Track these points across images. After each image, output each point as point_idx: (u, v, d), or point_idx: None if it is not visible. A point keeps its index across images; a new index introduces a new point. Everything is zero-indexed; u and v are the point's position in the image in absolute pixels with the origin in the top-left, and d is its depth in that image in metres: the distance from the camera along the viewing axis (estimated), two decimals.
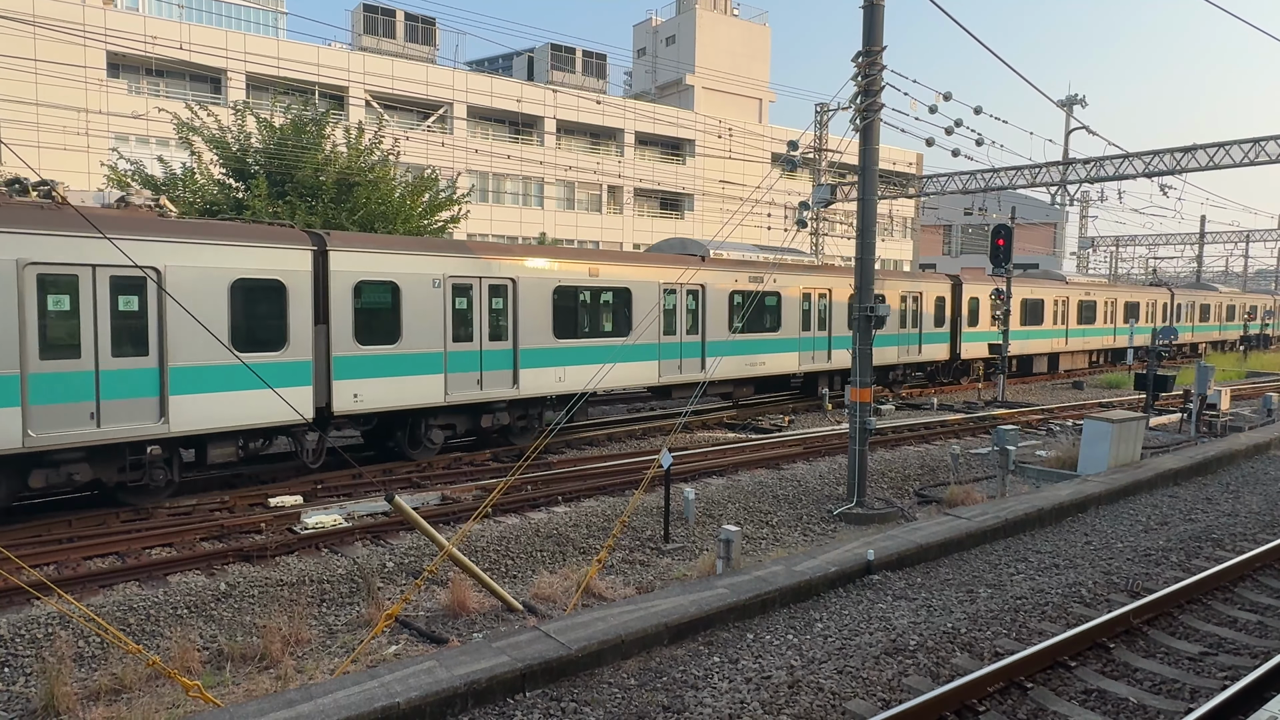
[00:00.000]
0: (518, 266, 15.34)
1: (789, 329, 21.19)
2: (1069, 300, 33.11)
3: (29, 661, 7.61)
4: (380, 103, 39.15)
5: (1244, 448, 16.71)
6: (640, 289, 17.46)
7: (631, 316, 17.23)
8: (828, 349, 22.54)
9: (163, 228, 11.40)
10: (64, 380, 10.33)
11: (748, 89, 56.05)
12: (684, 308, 18.48)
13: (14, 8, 29.14)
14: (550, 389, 15.88)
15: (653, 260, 18.33)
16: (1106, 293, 36.29)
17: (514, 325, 15.25)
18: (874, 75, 12.86)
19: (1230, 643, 7.63)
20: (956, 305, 27.10)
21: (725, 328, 19.11)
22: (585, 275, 16.43)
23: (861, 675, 6.87)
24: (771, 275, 20.13)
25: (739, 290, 19.68)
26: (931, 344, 26.07)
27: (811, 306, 22.01)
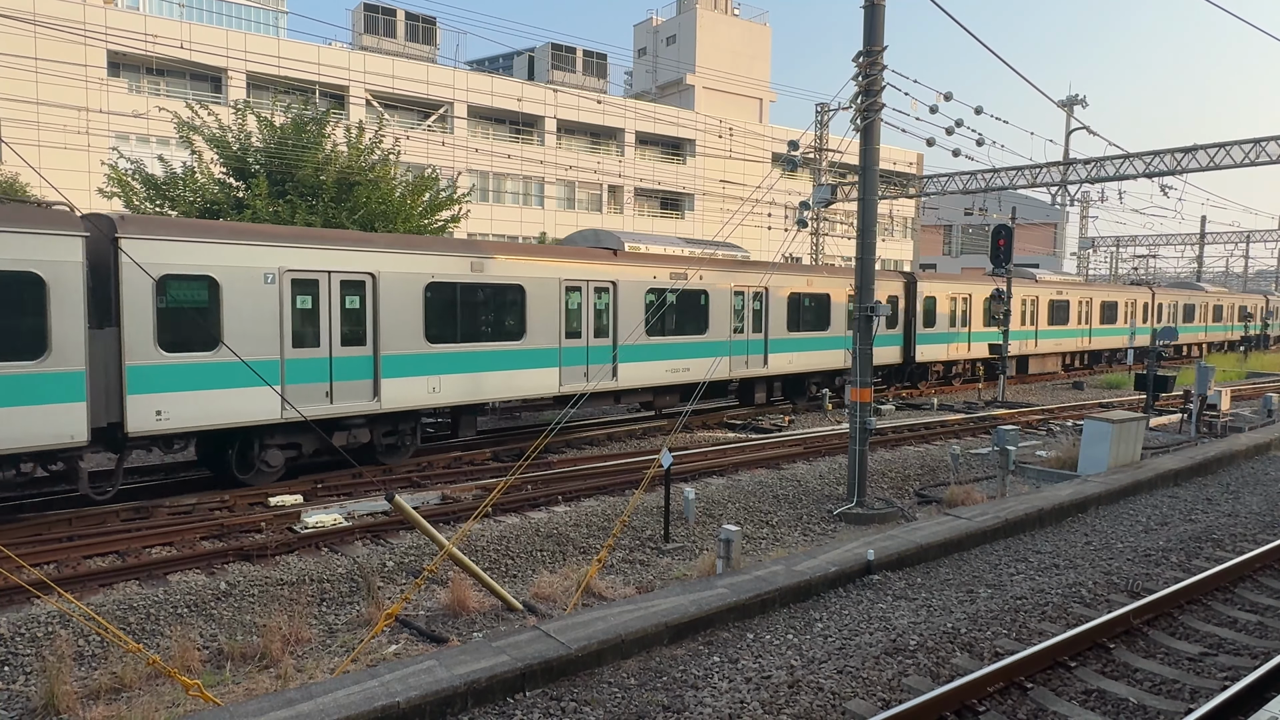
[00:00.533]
0: (381, 259, 13.46)
1: (718, 331, 19.24)
2: (1039, 300, 31.20)
3: (29, 660, 7.61)
4: (381, 102, 39.16)
5: (1244, 448, 16.71)
6: (537, 286, 15.53)
7: (526, 317, 15.41)
8: (764, 353, 20.57)
9: None
10: None
11: (748, 89, 56.07)
12: (590, 307, 16.44)
13: (15, 7, 29.13)
14: (422, 401, 14.00)
15: (552, 253, 16.39)
16: (1080, 292, 34.35)
17: (375, 327, 13.37)
18: (875, 75, 12.86)
19: (1230, 643, 7.63)
20: (911, 305, 25.26)
21: (642, 329, 17.14)
22: (467, 270, 14.55)
23: (861, 675, 6.87)
24: (698, 271, 18.49)
25: (658, 288, 17.73)
26: (882, 347, 23.99)
27: (745, 306, 20.04)
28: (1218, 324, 46.68)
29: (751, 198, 22.91)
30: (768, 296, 20.48)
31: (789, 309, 21.03)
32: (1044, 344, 31.99)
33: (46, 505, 11.90)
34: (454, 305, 14.50)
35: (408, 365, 13.81)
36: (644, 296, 17.53)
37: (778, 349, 20.90)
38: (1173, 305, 41.78)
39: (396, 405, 13.70)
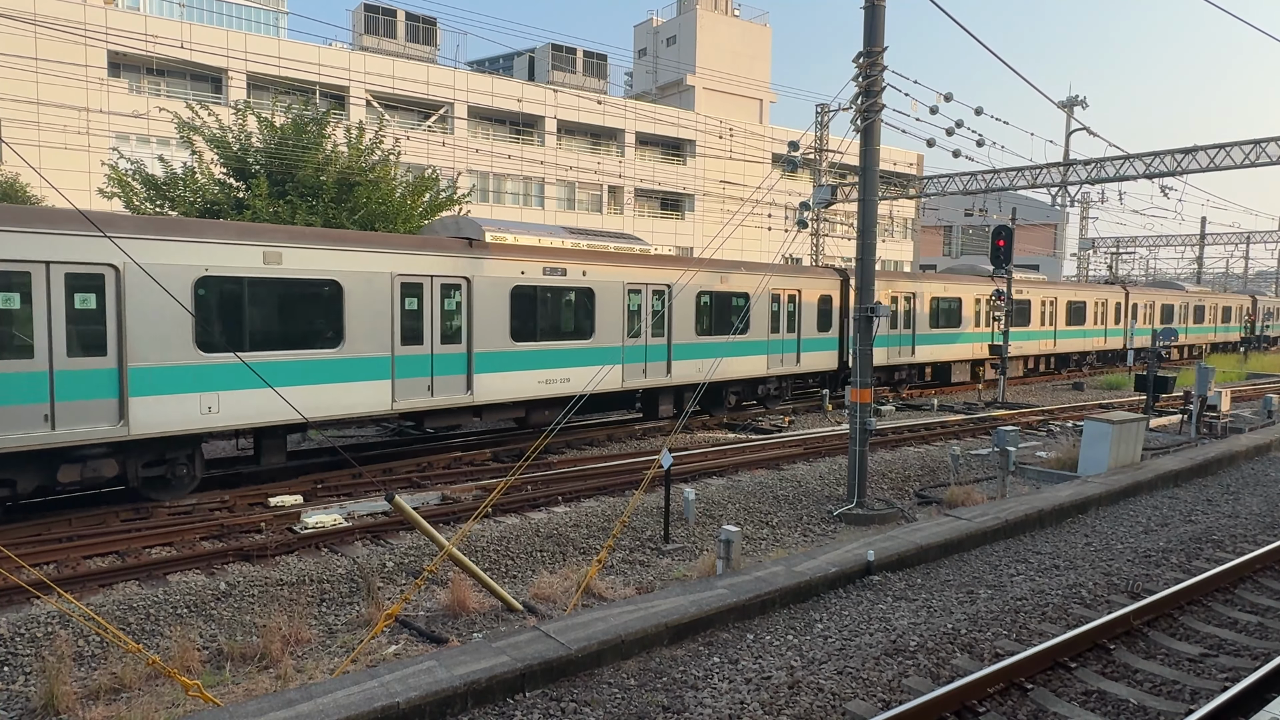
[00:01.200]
0: (131, 246, 10.65)
1: (608, 335, 16.67)
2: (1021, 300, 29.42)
3: (29, 660, 7.60)
4: (381, 102, 39.17)
5: (1244, 449, 16.70)
6: (356, 283, 12.93)
7: (344, 321, 12.81)
8: (666, 360, 17.92)
9: None
10: None
11: (748, 89, 56.08)
12: (436, 307, 13.96)
13: (15, 7, 29.14)
14: (195, 424, 11.48)
15: (377, 243, 13.48)
16: (1044, 291, 32.00)
17: (120, 334, 10.83)
18: (875, 76, 12.86)
19: (1230, 644, 7.63)
20: (845, 306, 23.00)
21: (504, 333, 14.93)
22: (258, 263, 11.93)
23: (862, 676, 6.87)
24: (581, 265, 16.21)
25: (528, 285, 15.35)
26: (814, 352, 21.96)
27: (644, 306, 17.55)
28: (1199, 325, 44.05)
29: (752, 198, 22.78)
30: (671, 296, 17.95)
31: (699, 310, 18.68)
32: (1016, 347, 29.92)
33: (47, 506, 11.89)
34: (239, 305, 11.87)
35: (175, 379, 11.31)
36: (508, 295, 15.01)
37: (685, 355, 18.31)
38: (1148, 306, 39.39)
39: (158, 430, 11.25)
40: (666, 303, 17.91)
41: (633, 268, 17.33)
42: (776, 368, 21.02)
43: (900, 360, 25.22)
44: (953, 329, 27.03)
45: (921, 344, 26.06)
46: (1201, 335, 44.77)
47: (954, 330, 27.12)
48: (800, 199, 30.18)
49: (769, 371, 20.91)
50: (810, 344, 21.94)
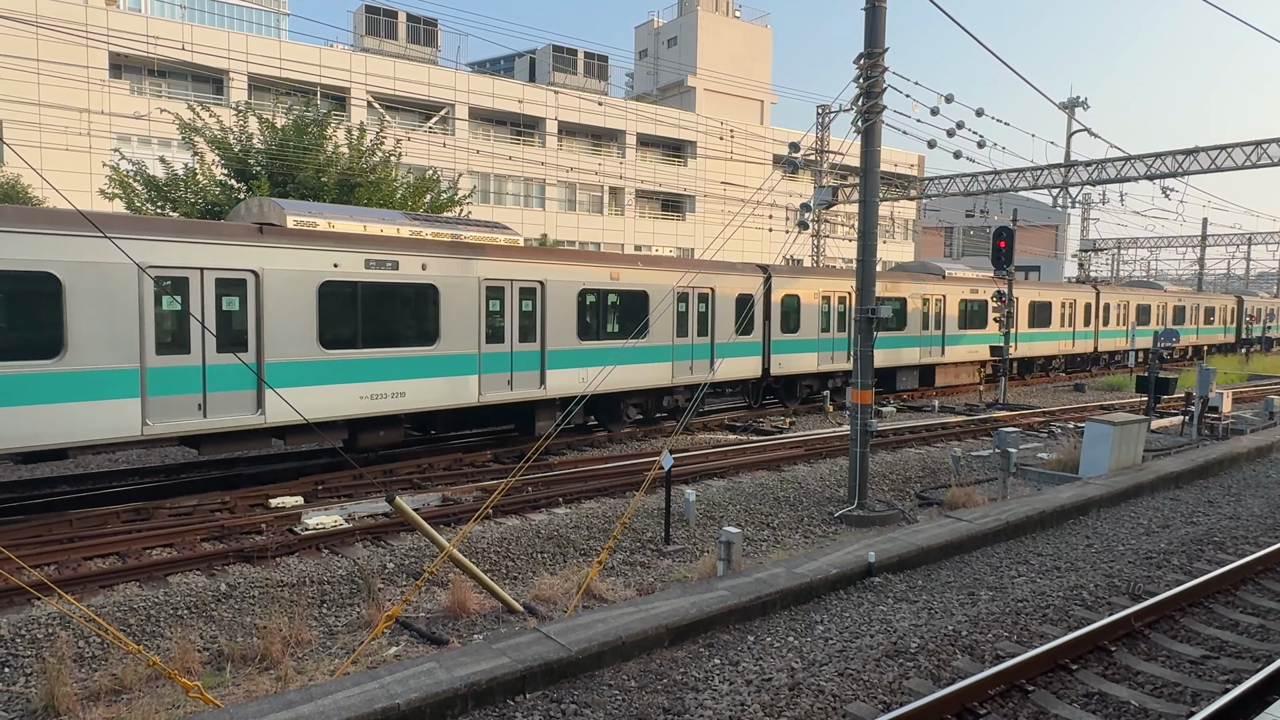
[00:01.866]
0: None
1: (458, 340, 14.24)
2: (945, 299, 26.43)
3: (29, 661, 7.61)
4: (382, 104, 39.22)
5: (1246, 451, 16.69)
6: (83, 277, 10.42)
7: (66, 322, 10.35)
8: (539, 370, 15.59)
9: None
10: None
11: (749, 90, 56.10)
12: (210, 307, 11.61)
13: (17, 8, 29.18)
14: None
15: (135, 227, 11.12)
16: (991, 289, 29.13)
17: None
18: (876, 77, 12.86)
19: (1232, 646, 7.62)
20: (768, 306, 20.80)
21: (310, 339, 12.48)
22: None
23: (862, 678, 6.86)
24: (418, 258, 13.78)
25: (343, 280, 12.85)
26: (733, 358, 19.65)
27: (507, 307, 15.07)
28: (1180, 328, 41.36)
29: (753, 199, 22.73)
30: (544, 294, 15.60)
31: (583, 311, 16.36)
32: (955, 351, 27.17)
33: (48, 507, 11.90)
34: None
35: None
36: (316, 292, 12.64)
37: (564, 364, 15.96)
38: (1122, 306, 36.85)
39: None
40: (539, 303, 15.49)
41: (494, 261, 14.88)
42: (685, 376, 18.45)
43: (837, 367, 22.75)
44: (898, 332, 24.79)
45: None
46: (1187, 337, 42.28)
47: (899, 333, 24.84)
48: (801, 200, 30.18)
49: (675, 381, 18.30)
50: (728, 349, 19.40)
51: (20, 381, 10.03)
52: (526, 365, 15.53)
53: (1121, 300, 36.87)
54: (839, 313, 22.98)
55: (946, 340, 26.76)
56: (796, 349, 21.55)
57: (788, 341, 21.35)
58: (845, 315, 22.93)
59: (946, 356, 26.84)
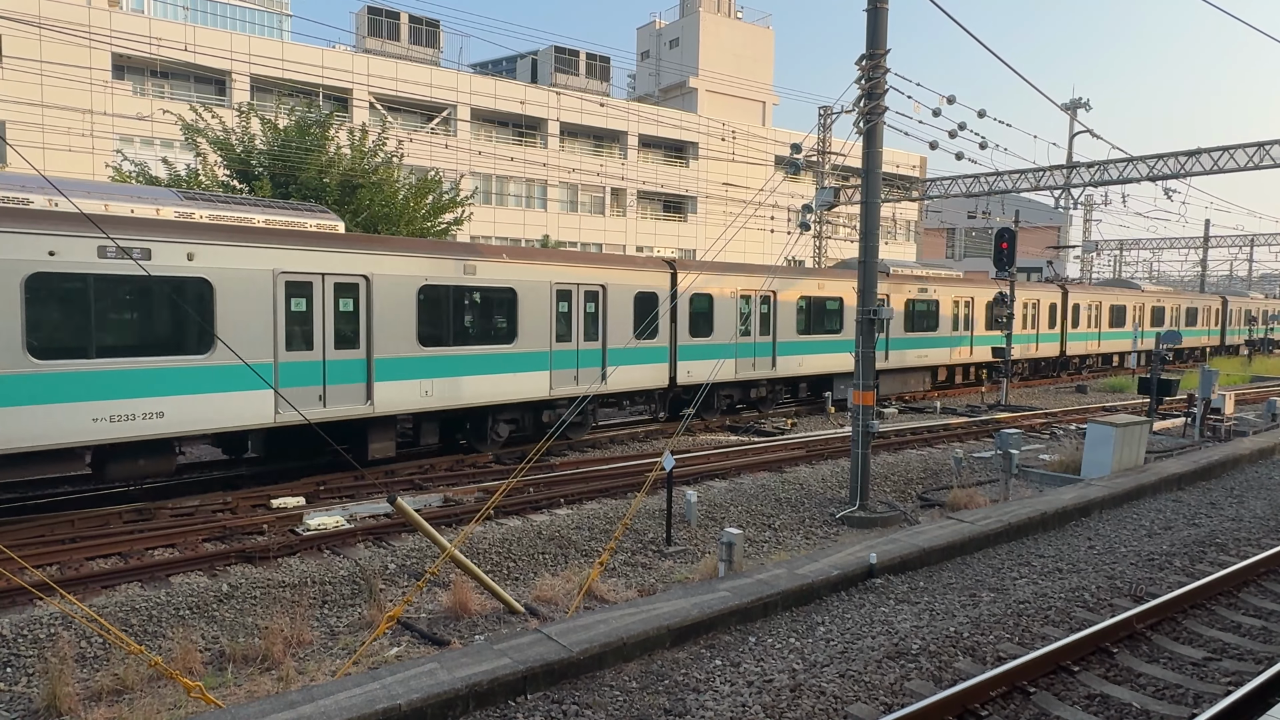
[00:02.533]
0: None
1: (242, 346, 11.47)
2: (888, 300, 24.19)
3: (31, 662, 7.62)
4: (384, 105, 39.25)
5: (1248, 452, 16.66)
6: None
7: None
8: (366, 380, 13.12)
9: None
10: None
11: (751, 92, 56.11)
12: None
13: (20, 9, 29.25)
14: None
15: None
16: (955, 290, 26.81)
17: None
18: (877, 78, 12.86)
19: (1234, 648, 7.60)
20: (675, 307, 18.52)
21: (17, 347, 9.98)
22: None
23: (864, 679, 6.85)
24: (186, 244, 11.31)
25: (63, 272, 10.36)
26: (632, 365, 17.15)
27: (318, 308, 12.66)
28: (1157, 329, 38.59)
29: (754, 200, 22.67)
30: (371, 291, 13.19)
31: (423, 311, 13.99)
32: (901, 356, 24.68)
33: (50, 507, 11.91)
34: None
35: None
36: (19, 291, 10.04)
37: (397, 374, 13.52)
38: (1093, 307, 34.18)
39: None
40: (363, 302, 13.11)
41: (297, 250, 12.43)
42: (567, 387, 16.02)
43: (760, 374, 20.45)
44: (831, 335, 22.37)
45: (783, 354, 21.18)
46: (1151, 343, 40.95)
47: (836, 337, 22.35)
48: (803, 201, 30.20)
49: (556, 392, 15.89)
50: (625, 356, 16.91)
51: None
52: (347, 377, 12.83)
53: (1093, 301, 34.37)
54: (762, 314, 20.38)
55: (891, 345, 24.06)
56: (710, 355, 18.78)
57: (700, 347, 18.75)
58: (770, 316, 20.64)
59: (891, 362, 24.08)
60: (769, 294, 20.49)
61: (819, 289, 22.09)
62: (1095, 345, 34.64)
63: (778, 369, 20.88)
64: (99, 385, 10.65)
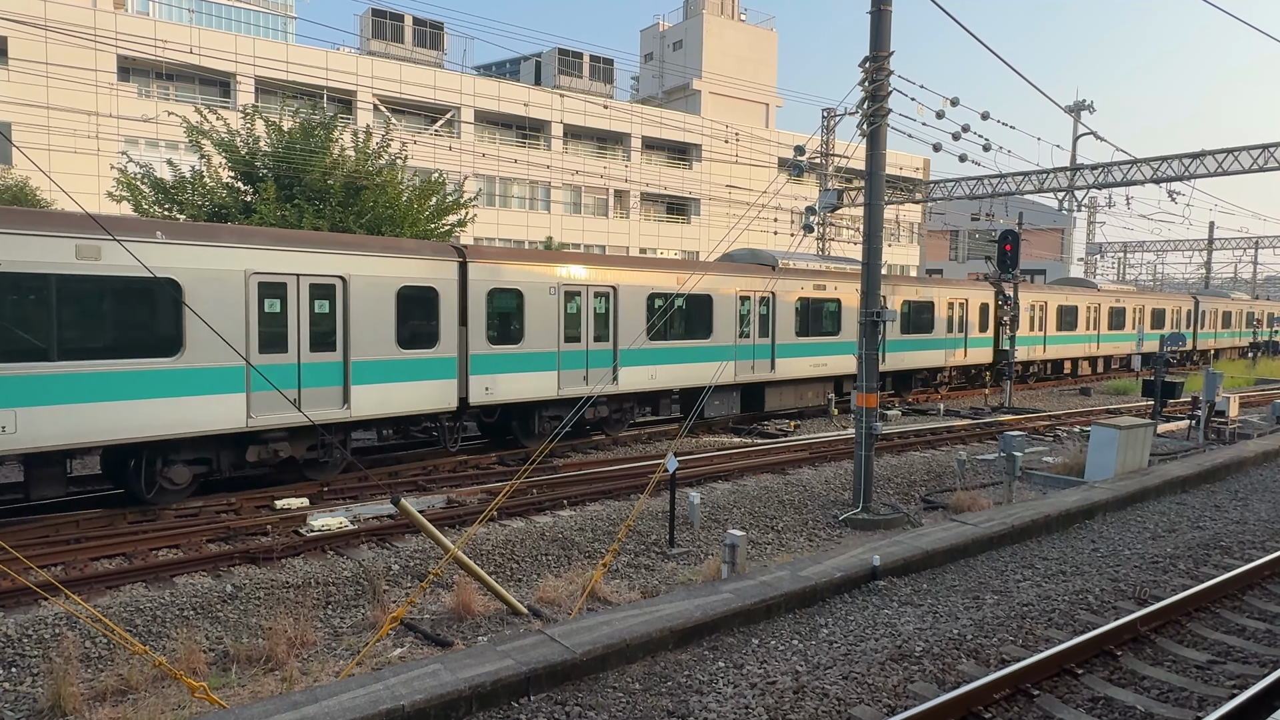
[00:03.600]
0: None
1: None
2: (774, 300, 20.49)
3: (36, 662, 7.64)
4: (388, 107, 39.32)
5: (1253, 455, 16.62)
6: None
7: None
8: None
9: None
10: None
11: (754, 94, 56.11)
12: None
13: (26, 12, 29.36)
14: None
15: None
16: (855, 286, 21.52)
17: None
18: (881, 80, 12.86)
19: (1239, 651, 7.59)
20: (466, 306, 14.55)
21: None
22: None
23: (867, 681, 6.85)
24: None
25: None
26: (396, 383, 13.51)
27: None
28: (1122, 331, 35.78)
29: (758, 203, 22.53)
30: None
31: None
32: (791, 365, 20.98)
33: (55, 507, 11.94)
34: None
35: None
36: None
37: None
38: (1037, 308, 30.58)
39: None
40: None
41: None
42: (277, 414, 12.05)
43: (596, 389, 16.17)
44: (701, 341, 18.66)
45: (637, 363, 17.24)
46: (1119, 345, 35.88)
47: (703, 343, 18.73)
48: (806, 203, 30.15)
49: (258, 422, 11.99)
50: (381, 371, 13.32)
51: None
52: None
53: (1037, 301, 30.54)
54: (597, 314, 16.43)
55: (778, 351, 20.41)
56: (519, 367, 15.26)
57: (503, 357, 15.08)
58: (610, 317, 16.65)
59: (778, 372, 20.51)
60: (610, 288, 16.82)
61: (680, 282, 17.87)
62: (1040, 351, 31.01)
63: (623, 383, 17.20)
64: None
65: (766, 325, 20.17)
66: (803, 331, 21.26)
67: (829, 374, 22.20)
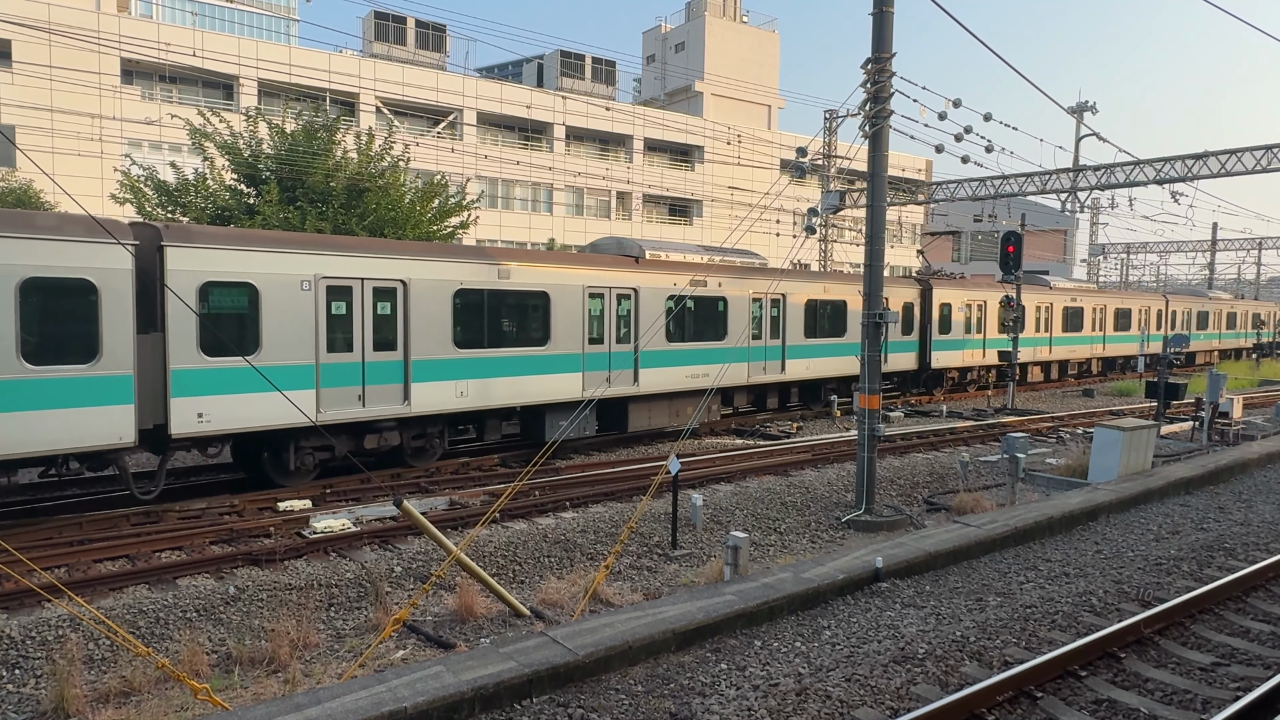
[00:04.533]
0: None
1: None
2: (638, 295, 17.06)
3: (39, 663, 7.65)
4: (391, 109, 39.38)
5: (1256, 456, 16.58)
6: None
7: None
8: None
9: None
10: None
11: (757, 95, 56.13)
12: None
13: (30, 15, 29.45)
14: None
15: None
16: (753, 284, 19.55)
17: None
18: (883, 82, 12.86)
19: (1243, 653, 7.56)
20: (158, 307, 11.41)
21: None
22: None
23: (870, 683, 6.84)
24: None
25: None
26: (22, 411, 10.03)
27: None
28: (1073, 335, 32.36)
29: (760, 204, 22.46)
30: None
31: None
32: (659, 376, 17.57)
33: (58, 510, 11.96)
34: None
35: None
36: None
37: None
38: (974, 308, 27.20)
39: None
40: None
41: None
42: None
43: (361, 414, 13.23)
44: (538, 348, 15.47)
45: (442, 377, 14.11)
46: (1083, 347, 33.20)
47: (541, 350, 15.52)
48: (809, 205, 30.11)
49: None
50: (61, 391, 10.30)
51: None
52: None
53: (972, 300, 27.03)
54: (379, 315, 13.49)
55: (642, 360, 17.11)
56: (243, 385, 11.86)
57: (224, 372, 11.76)
58: (395, 320, 13.62)
59: (642, 386, 17.23)
60: (399, 283, 13.70)
61: (558, 281, 15.86)
62: (978, 356, 27.64)
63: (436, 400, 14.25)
64: None
65: (629, 327, 17.00)
66: (678, 337, 17.87)
67: (701, 385, 18.05)
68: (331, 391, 12.96)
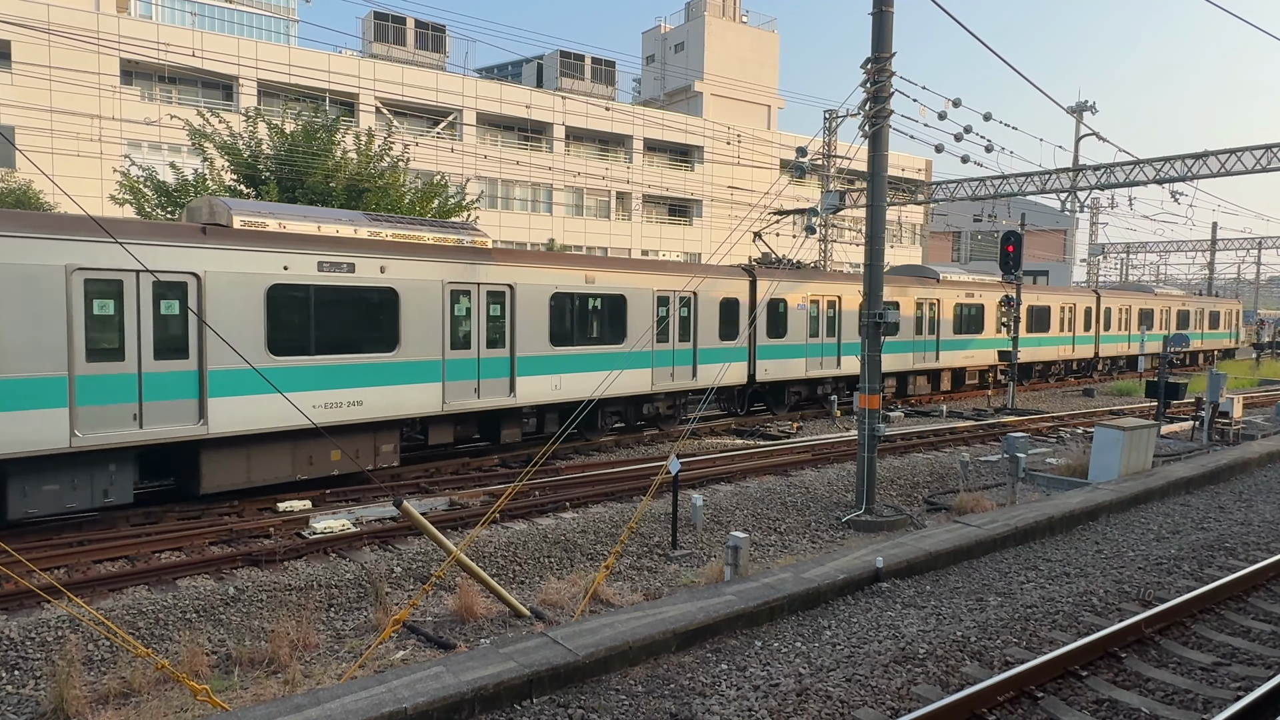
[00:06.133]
0: None
1: None
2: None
3: (39, 664, 7.64)
4: (390, 109, 39.37)
5: (1257, 456, 16.58)
6: None
7: None
8: None
9: None
10: None
11: (756, 95, 56.12)
12: None
13: (30, 16, 29.44)
14: None
15: None
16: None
17: None
18: (883, 82, 12.85)
19: (1244, 653, 7.56)
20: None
21: None
22: None
23: (870, 683, 6.83)
24: None
25: None
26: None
27: None
28: (970, 337, 27.34)
29: (759, 204, 22.47)
30: None
31: None
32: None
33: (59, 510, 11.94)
34: None
35: None
36: None
37: None
38: (824, 303, 22.44)
39: None
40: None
41: None
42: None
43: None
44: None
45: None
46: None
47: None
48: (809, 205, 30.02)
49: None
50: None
51: None
52: None
53: (824, 294, 22.51)
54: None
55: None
56: None
57: None
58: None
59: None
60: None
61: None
62: (833, 365, 23.04)
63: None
64: None
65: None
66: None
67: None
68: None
